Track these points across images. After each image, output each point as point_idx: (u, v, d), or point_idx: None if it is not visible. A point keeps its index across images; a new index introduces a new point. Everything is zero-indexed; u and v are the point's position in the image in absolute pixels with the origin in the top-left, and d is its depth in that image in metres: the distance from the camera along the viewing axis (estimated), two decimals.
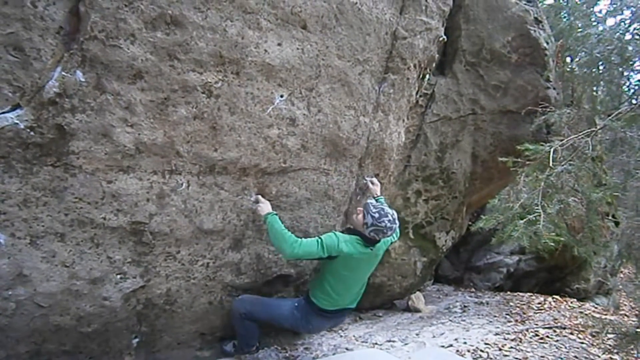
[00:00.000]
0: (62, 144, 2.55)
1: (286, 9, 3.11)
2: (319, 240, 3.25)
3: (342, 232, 3.64)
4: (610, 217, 7.66)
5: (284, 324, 3.62)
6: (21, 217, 2.55)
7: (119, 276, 2.96)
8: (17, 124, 2.40)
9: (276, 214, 3.30)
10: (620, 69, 4.22)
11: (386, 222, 3.29)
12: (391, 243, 3.82)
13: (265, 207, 3.32)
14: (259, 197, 3.38)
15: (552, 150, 3.97)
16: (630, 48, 3.93)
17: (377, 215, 3.30)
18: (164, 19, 2.65)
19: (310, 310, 3.55)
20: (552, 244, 3.57)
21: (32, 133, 2.45)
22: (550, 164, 3.90)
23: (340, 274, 3.41)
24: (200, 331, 3.59)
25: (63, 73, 2.45)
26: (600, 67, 4.28)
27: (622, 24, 5.04)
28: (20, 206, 2.54)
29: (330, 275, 3.44)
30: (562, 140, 4.13)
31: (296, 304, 3.60)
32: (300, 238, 3.24)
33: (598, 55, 4.09)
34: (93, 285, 2.86)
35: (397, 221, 3.39)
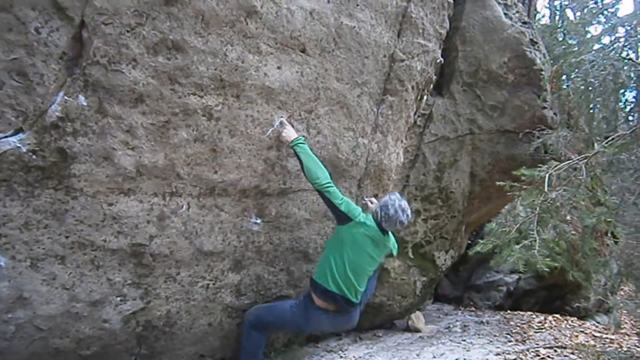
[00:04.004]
0: (64, 167, 2.57)
1: (285, 33, 3.16)
2: (343, 196, 3.36)
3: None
4: (609, 235, 7.66)
5: (285, 321, 3.50)
6: (22, 240, 2.56)
7: (118, 298, 2.95)
8: (19, 147, 2.43)
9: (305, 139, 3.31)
10: (614, 89, 4.27)
11: (392, 211, 3.36)
12: (392, 253, 3.78)
13: (292, 131, 3.29)
14: (283, 119, 3.32)
15: (547, 175, 4.00)
16: (623, 73, 3.99)
17: (383, 204, 3.43)
18: (166, 44, 2.69)
19: (309, 303, 3.42)
20: (547, 269, 3.58)
21: (34, 156, 2.48)
22: (546, 189, 3.92)
23: (346, 250, 3.33)
24: (199, 353, 3.57)
25: (65, 97, 2.49)
26: (596, 90, 4.32)
27: (617, 43, 5.09)
28: (21, 229, 2.55)
29: (336, 251, 3.37)
30: (558, 164, 4.15)
31: (296, 301, 3.53)
32: None
33: (593, 80, 4.14)
34: (93, 308, 2.86)
35: (406, 211, 3.42)
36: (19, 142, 2.43)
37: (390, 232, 3.54)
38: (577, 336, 5.50)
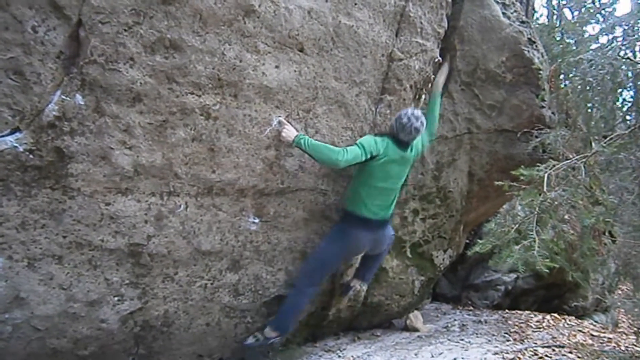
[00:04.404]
0: (61, 167, 2.57)
1: (283, 32, 3.16)
2: (358, 144, 3.38)
3: (375, 135, 3.73)
4: (606, 234, 7.66)
5: (329, 259, 3.68)
6: (19, 240, 2.56)
7: (116, 298, 2.95)
8: (16, 147, 2.42)
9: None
10: (612, 88, 4.27)
11: (405, 120, 3.47)
12: (418, 153, 3.92)
13: (292, 130, 3.29)
14: (282, 119, 3.31)
15: (546, 175, 3.99)
16: (621, 73, 3.99)
17: (397, 116, 3.58)
18: (163, 43, 2.69)
19: (343, 230, 3.62)
20: (547, 270, 3.58)
21: (31, 156, 2.47)
22: (544, 189, 3.91)
23: (374, 179, 3.50)
24: (197, 353, 3.56)
25: (62, 97, 2.48)
26: (594, 90, 4.32)
27: (614, 42, 5.08)
28: (18, 229, 2.54)
29: (364, 181, 3.54)
30: (556, 163, 4.14)
31: (327, 238, 3.70)
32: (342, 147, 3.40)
33: (591, 79, 4.14)
34: (90, 308, 2.85)
35: (420, 119, 3.52)
36: (16, 142, 2.42)
37: (410, 144, 3.63)
38: (575, 335, 5.50)
